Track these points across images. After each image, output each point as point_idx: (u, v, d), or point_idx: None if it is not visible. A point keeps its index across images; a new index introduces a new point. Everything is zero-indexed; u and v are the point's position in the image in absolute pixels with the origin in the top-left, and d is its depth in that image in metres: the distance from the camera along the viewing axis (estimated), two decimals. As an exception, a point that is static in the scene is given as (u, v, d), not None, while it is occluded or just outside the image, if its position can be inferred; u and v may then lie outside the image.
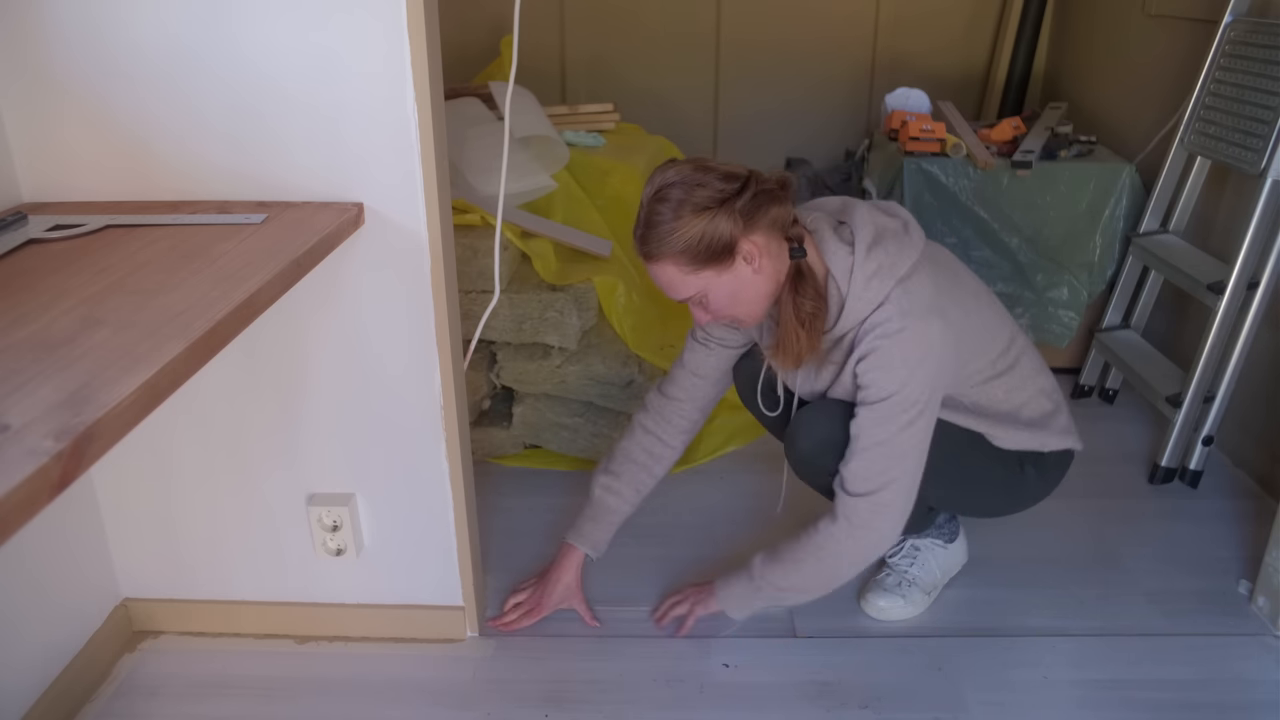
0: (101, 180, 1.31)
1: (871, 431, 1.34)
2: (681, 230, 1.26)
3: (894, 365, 1.30)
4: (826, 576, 1.44)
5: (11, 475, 0.62)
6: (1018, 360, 1.46)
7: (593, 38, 3.43)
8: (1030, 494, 1.56)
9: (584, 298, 2.01)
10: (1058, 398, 1.53)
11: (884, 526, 1.37)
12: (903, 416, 1.32)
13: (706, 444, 2.19)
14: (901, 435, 1.33)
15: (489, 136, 2.12)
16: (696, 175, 1.27)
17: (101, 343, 0.83)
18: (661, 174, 1.29)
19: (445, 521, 1.53)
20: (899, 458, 1.34)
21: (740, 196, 1.27)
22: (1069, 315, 2.45)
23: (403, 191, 1.31)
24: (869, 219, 1.36)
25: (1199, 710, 1.45)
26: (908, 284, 1.32)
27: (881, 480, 1.34)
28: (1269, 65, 1.92)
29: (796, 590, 1.46)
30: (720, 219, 1.26)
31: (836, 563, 1.41)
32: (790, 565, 1.43)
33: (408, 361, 1.42)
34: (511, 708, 1.47)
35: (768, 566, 1.45)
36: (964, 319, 1.37)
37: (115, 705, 1.47)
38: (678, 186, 1.27)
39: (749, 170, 1.31)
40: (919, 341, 1.30)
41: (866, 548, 1.39)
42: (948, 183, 2.44)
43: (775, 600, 1.48)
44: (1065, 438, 1.52)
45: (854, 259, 1.32)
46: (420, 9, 1.22)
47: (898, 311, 1.30)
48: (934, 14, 3.39)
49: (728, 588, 1.52)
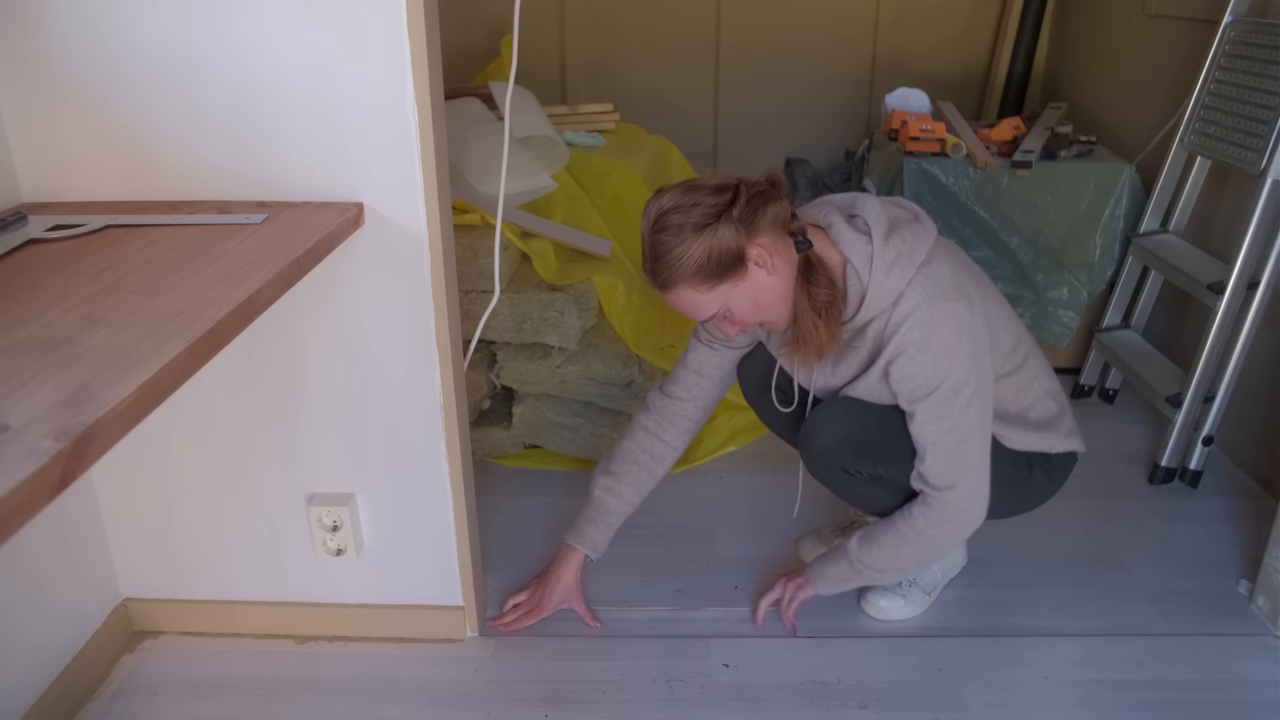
0: (101, 180, 1.31)
1: (934, 426, 1.35)
2: (688, 253, 1.27)
3: (932, 354, 1.31)
4: (925, 558, 1.47)
5: (11, 475, 0.62)
6: (1025, 360, 1.47)
7: (593, 38, 3.43)
8: (1037, 495, 1.57)
9: (584, 298, 2.01)
10: (1062, 400, 1.54)
11: (976, 508, 1.42)
12: (957, 401, 1.33)
13: (706, 444, 2.19)
14: (963, 419, 1.35)
15: (489, 137, 2.12)
16: (688, 196, 1.28)
17: (101, 343, 0.83)
18: (655, 203, 1.30)
19: (445, 521, 1.53)
20: (969, 441, 1.37)
21: (735, 205, 1.27)
22: (1069, 315, 2.45)
23: (403, 191, 1.31)
24: (880, 210, 1.37)
25: (1199, 710, 1.45)
26: (928, 269, 1.33)
27: (961, 469, 1.38)
28: (1269, 65, 1.92)
29: (895, 570, 1.50)
30: (722, 231, 1.26)
31: (933, 548, 1.45)
32: (890, 549, 1.45)
33: (408, 361, 1.42)
34: (511, 708, 1.47)
35: (865, 550, 1.47)
36: (985, 302, 1.38)
37: (115, 705, 1.47)
38: (673, 212, 1.28)
39: (737, 178, 1.31)
40: (951, 324, 1.31)
41: (959, 532, 1.44)
42: (948, 183, 2.44)
43: (873, 580, 1.55)
44: (1071, 439, 1.53)
45: (873, 247, 1.33)
46: (420, 9, 1.22)
47: (924, 299, 1.30)
48: (934, 14, 3.39)
49: (823, 571, 1.55)
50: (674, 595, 1.71)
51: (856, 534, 1.50)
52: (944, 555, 1.55)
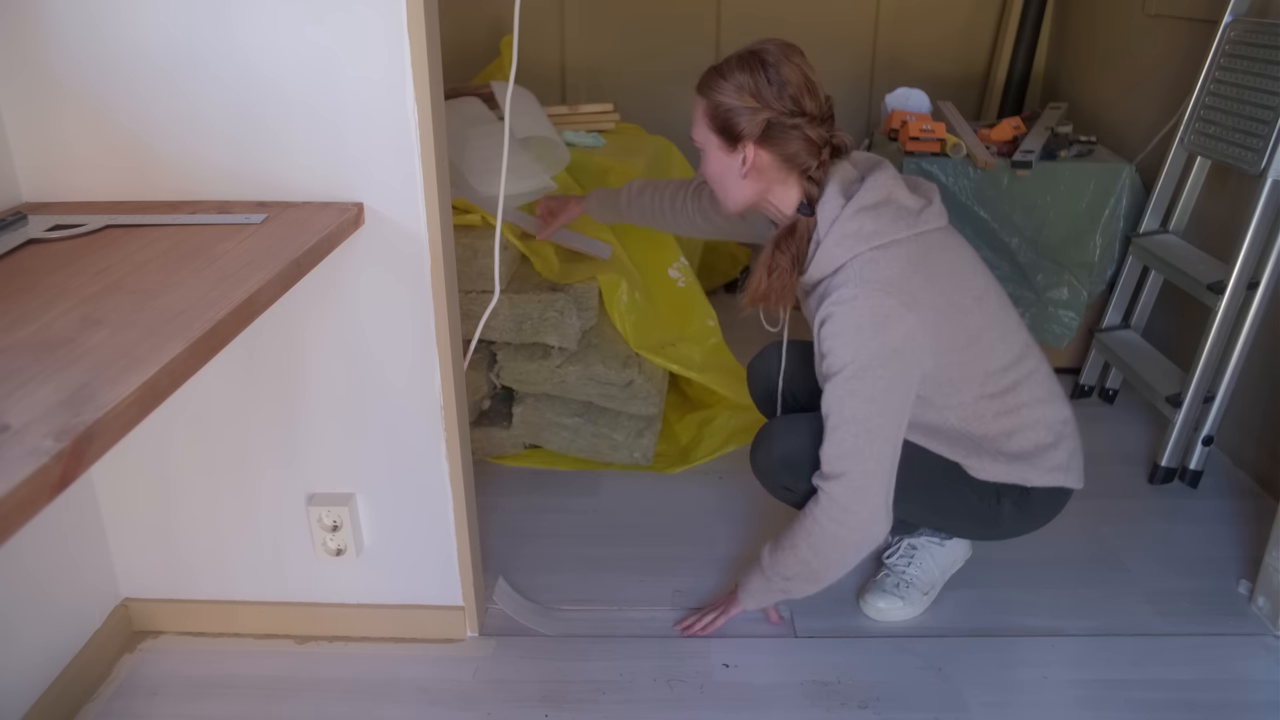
0: (101, 180, 1.31)
1: (835, 407, 1.32)
2: (724, 90, 1.33)
3: (846, 333, 1.29)
4: (823, 563, 1.40)
5: (11, 475, 0.62)
6: (1018, 384, 1.40)
7: (593, 38, 3.43)
8: (1008, 527, 1.50)
9: (584, 298, 2.01)
10: (1062, 431, 1.44)
11: (863, 510, 1.34)
12: (862, 390, 1.29)
13: (706, 444, 2.19)
14: (864, 411, 1.30)
15: (489, 137, 2.12)
16: (789, 76, 1.31)
17: (101, 343, 0.83)
18: (777, 46, 1.34)
19: (445, 521, 1.53)
20: (866, 437, 1.31)
21: (781, 115, 1.31)
22: (1069, 315, 2.45)
23: (403, 191, 1.31)
24: (885, 185, 1.34)
25: (1199, 710, 1.45)
26: (879, 253, 1.30)
27: (851, 461, 1.33)
28: (1269, 65, 1.92)
29: (800, 579, 1.43)
30: (750, 115, 1.31)
31: (828, 548, 1.38)
32: (789, 552, 1.42)
33: (408, 361, 1.42)
34: (511, 708, 1.47)
35: (774, 555, 1.45)
36: (946, 312, 1.33)
37: (115, 705, 1.47)
38: (770, 67, 1.31)
39: (823, 111, 1.33)
40: (871, 312, 1.28)
41: (852, 533, 1.36)
42: (948, 183, 2.44)
43: (786, 590, 1.47)
44: (1055, 474, 1.44)
45: (840, 213, 1.33)
46: (420, 9, 1.21)
47: (855, 277, 1.29)
48: (934, 14, 3.39)
49: (747, 583, 1.53)
50: (674, 595, 1.71)
51: (769, 543, 1.47)
52: (842, 563, 1.40)
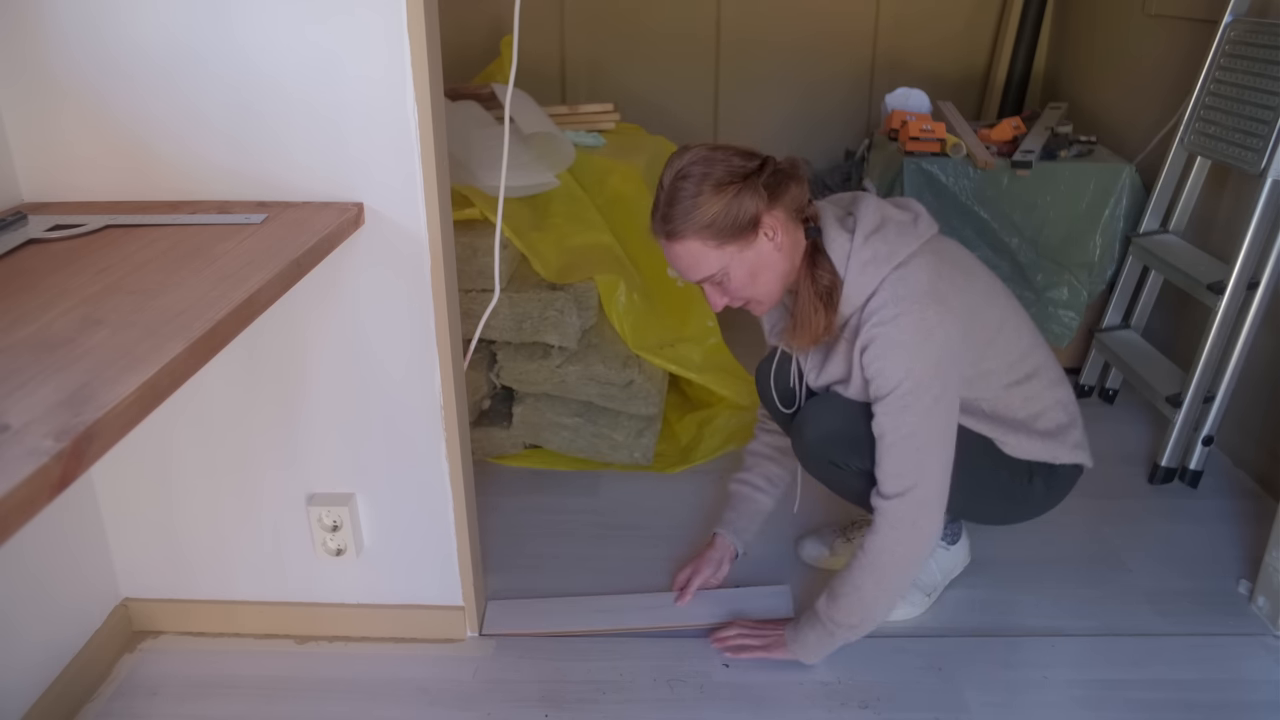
0: (101, 180, 1.31)
1: (892, 426, 1.34)
2: (706, 205, 1.29)
3: (895, 351, 1.31)
4: (888, 590, 1.41)
5: (11, 475, 0.62)
6: (1037, 370, 1.46)
7: (593, 38, 3.43)
8: (1035, 505, 1.55)
9: (584, 297, 2.01)
10: (1074, 411, 1.51)
11: (925, 523, 1.37)
12: (917, 405, 1.32)
13: (706, 444, 2.19)
14: (922, 425, 1.33)
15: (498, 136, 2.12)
16: (715, 154, 1.31)
17: (101, 343, 0.83)
18: (679, 158, 1.32)
19: (445, 521, 1.53)
20: (925, 449, 1.35)
21: (761, 173, 1.30)
22: (1069, 315, 2.45)
23: (403, 191, 1.31)
24: (875, 210, 1.38)
25: (1199, 710, 1.45)
26: (903, 270, 1.33)
27: (914, 477, 1.35)
28: (1269, 65, 1.92)
29: (867, 618, 1.43)
30: (745, 194, 1.29)
31: (894, 573, 1.40)
32: (852, 597, 1.41)
33: (408, 361, 1.42)
34: (511, 708, 1.47)
35: (832, 606, 1.43)
36: (971, 311, 1.37)
37: (115, 705, 1.47)
38: (699, 164, 1.30)
39: (765, 153, 1.34)
40: (917, 325, 1.30)
41: (916, 548, 1.38)
42: (948, 183, 2.44)
43: (852, 634, 1.45)
44: (1077, 452, 1.50)
45: (851, 245, 1.34)
46: (420, 9, 1.22)
47: (892, 297, 1.31)
48: (934, 14, 3.39)
49: (800, 637, 1.49)
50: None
51: (823, 594, 1.46)
52: (906, 584, 1.45)
